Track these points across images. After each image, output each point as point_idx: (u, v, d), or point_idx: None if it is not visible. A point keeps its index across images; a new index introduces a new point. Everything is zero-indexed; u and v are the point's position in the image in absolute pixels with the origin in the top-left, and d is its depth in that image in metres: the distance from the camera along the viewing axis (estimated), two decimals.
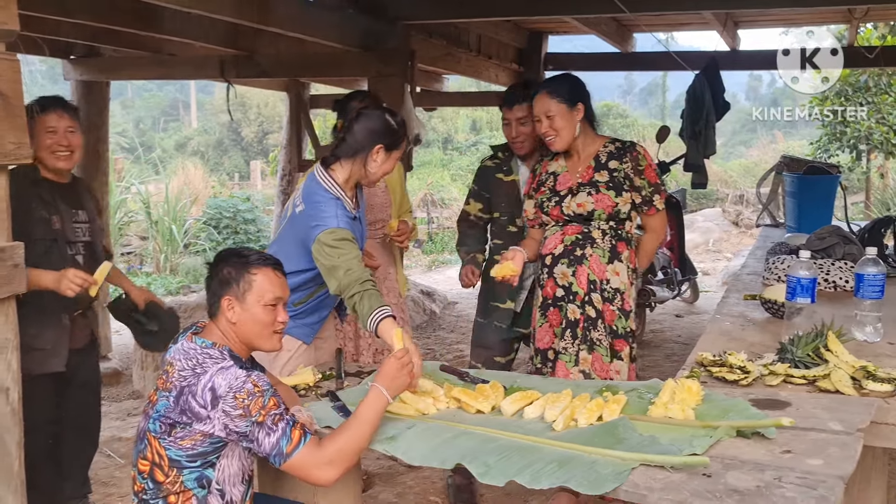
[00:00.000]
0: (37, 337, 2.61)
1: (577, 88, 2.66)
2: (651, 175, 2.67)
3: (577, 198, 2.64)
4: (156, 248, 10.95)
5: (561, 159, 2.76)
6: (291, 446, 1.72)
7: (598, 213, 2.62)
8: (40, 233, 2.63)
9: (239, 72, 4.87)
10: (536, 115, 2.65)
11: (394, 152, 2.41)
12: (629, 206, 2.64)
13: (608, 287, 2.62)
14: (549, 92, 2.62)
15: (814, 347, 2.11)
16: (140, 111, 27.34)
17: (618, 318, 2.63)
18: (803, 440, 1.66)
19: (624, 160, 2.65)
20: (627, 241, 2.68)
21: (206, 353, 1.78)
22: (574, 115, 2.62)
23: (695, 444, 1.65)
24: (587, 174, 2.67)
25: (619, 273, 2.63)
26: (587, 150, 2.70)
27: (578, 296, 2.62)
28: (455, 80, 13.87)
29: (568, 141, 2.64)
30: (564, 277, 2.64)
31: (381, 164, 2.40)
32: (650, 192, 2.67)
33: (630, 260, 2.68)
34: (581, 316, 2.62)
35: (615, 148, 2.69)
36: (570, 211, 2.65)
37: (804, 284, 2.38)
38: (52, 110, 2.67)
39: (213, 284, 1.89)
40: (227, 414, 1.69)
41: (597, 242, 2.63)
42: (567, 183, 2.69)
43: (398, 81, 4.31)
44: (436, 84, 7.16)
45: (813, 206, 4.61)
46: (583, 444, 1.71)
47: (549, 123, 2.61)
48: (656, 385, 2.04)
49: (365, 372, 2.50)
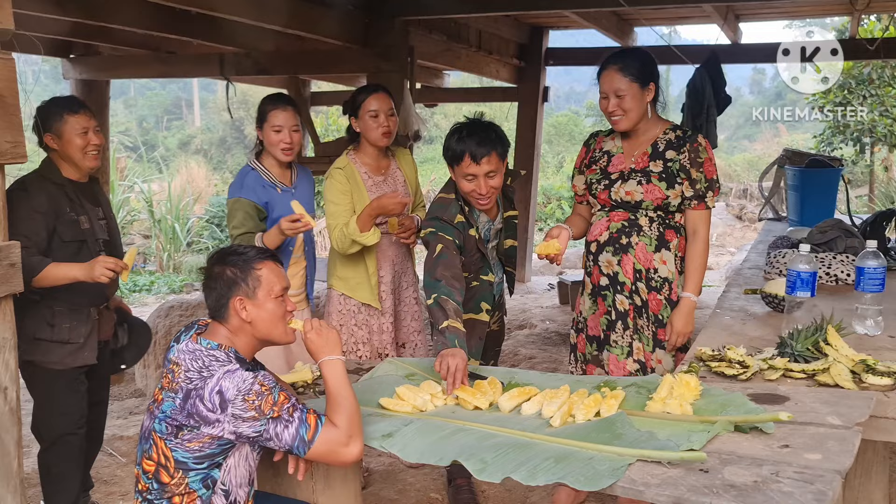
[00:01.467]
0: (73, 330, 2.71)
1: (650, 66, 2.49)
2: (710, 169, 2.52)
3: (626, 185, 2.53)
4: (158, 247, 10.97)
5: (617, 138, 2.61)
6: (311, 432, 1.73)
7: (647, 203, 2.51)
8: (70, 234, 2.68)
9: (238, 69, 4.87)
10: (604, 93, 2.48)
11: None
12: (679, 199, 2.52)
13: (656, 276, 2.54)
14: (621, 69, 2.44)
15: (813, 341, 2.10)
16: (143, 110, 27.33)
17: (664, 307, 2.56)
18: (801, 434, 1.65)
19: (682, 150, 2.50)
20: (676, 230, 2.56)
21: (213, 355, 1.77)
22: (645, 95, 2.48)
23: (692, 439, 1.65)
24: (642, 161, 2.53)
25: (667, 262, 2.54)
26: (647, 134, 2.55)
27: (626, 286, 2.56)
28: (457, 77, 13.86)
29: (635, 122, 2.50)
30: (610, 266, 2.58)
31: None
32: (704, 188, 2.51)
33: (679, 249, 2.56)
34: (630, 306, 2.56)
35: (675, 137, 2.53)
36: (617, 197, 2.54)
37: (804, 278, 2.37)
38: (82, 112, 2.72)
39: (219, 287, 1.85)
40: (236, 417, 1.69)
41: (643, 230, 2.53)
42: (620, 166, 2.56)
43: (398, 78, 4.31)
44: (436, 80, 7.16)
45: (815, 199, 4.59)
46: (580, 440, 1.70)
47: (617, 103, 2.45)
48: (654, 380, 2.03)
49: (364, 368, 2.50)
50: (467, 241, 2.56)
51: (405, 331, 3.23)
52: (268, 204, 2.94)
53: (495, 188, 2.49)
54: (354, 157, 3.08)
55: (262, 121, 2.95)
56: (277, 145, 2.92)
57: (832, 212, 4.66)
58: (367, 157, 3.08)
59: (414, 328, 3.26)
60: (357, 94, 3.06)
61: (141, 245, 11.50)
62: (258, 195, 2.92)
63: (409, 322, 3.25)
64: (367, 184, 3.04)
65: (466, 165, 2.43)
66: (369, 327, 3.12)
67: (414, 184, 3.23)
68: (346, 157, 3.08)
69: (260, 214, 2.92)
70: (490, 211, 2.65)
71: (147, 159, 15.05)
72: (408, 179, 3.19)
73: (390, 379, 2.26)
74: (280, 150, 2.92)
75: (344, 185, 2.99)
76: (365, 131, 3.02)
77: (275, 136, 2.91)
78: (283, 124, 2.90)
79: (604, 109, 2.53)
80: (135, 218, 11.65)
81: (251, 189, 2.92)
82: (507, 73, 6.80)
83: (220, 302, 1.86)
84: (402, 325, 3.22)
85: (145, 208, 11.32)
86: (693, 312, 2.53)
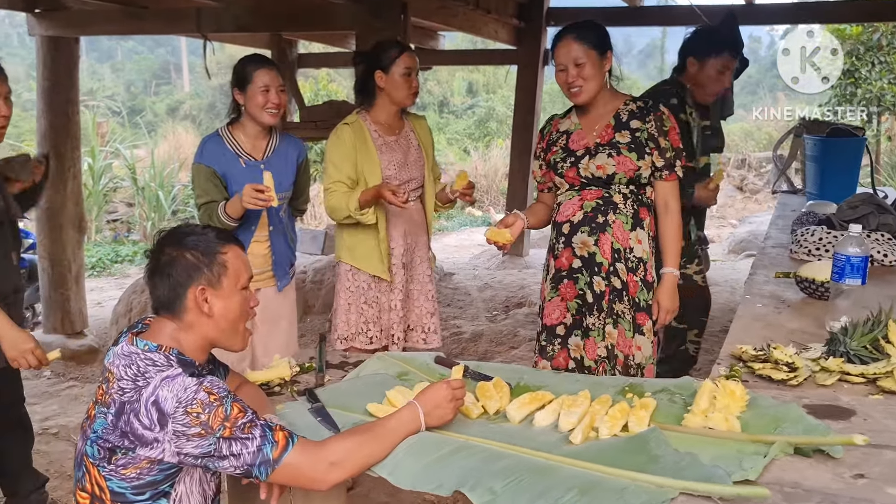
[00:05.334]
0: None
1: (606, 36, 2.42)
2: (675, 138, 2.45)
3: (595, 159, 2.41)
4: (142, 216, 10.62)
5: (573, 116, 2.52)
6: (278, 451, 1.42)
7: (619, 176, 2.39)
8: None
9: (217, 25, 4.49)
10: (561, 65, 2.40)
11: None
12: (650, 170, 2.42)
13: (632, 256, 2.43)
14: (578, 37, 2.37)
15: (871, 339, 1.81)
16: (131, 74, 26.65)
17: (640, 290, 2.44)
18: (878, 461, 1.36)
19: (647, 120, 2.42)
20: (648, 208, 2.47)
21: (150, 358, 1.46)
22: (604, 64, 2.40)
23: (745, 465, 1.35)
24: (607, 134, 2.43)
25: (642, 241, 2.44)
26: (606, 107, 2.46)
27: (603, 266, 2.42)
28: (452, 40, 13.41)
29: (594, 93, 2.40)
30: (585, 247, 2.43)
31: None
32: (673, 156, 2.44)
33: (651, 228, 2.48)
34: (607, 287, 2.42)
35: (637, 107, 2.44)
36: (587, 173, 2.42)
37: (855, 263, 2.08)
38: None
39: (175, 273, 1.53)
40: (179, 435, 1.38)
41: (619, 208, 2.42)
42: (582, 142, 2.46)
43: (389, 36, 3.93)
44: (431, 42, 6.77)
45: (837, 171, 4.28)
46: (608, 465, 1.41)
47: (577, 72, 2.37)
48: (688, 385, 1.74)
49: (350, 364, 2.20)
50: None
51: (417, 312, 2.99)
52: (225, 175, 2.71)
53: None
54: (366, 115, 2.89)
55: (246, 82, 2.70)
56: (264, 106, 2.69)
57: (854, 184, 4.36)
58: (383, 117, 2.90)
59: (427, 309, 3.00)
60: (388, 49, 2.84)
61: (124, 214, 11.13)
62: (218, 164, 2.70)
63: (423, 302, 3.00)
64: (378, 143, 2.85)
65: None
66: (379, 305, 2.91)
67: (429, 150, 3.03)
68: (357, 115, 2.89)
69: (221, 181, 2.70)
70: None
71: (130, 124, 14.58)
72: (423, 145, 2.98)
73: (380, 379, 1.96)
74: (267, 111, 2.70)
75: (348, 146, 2.81)
76: (392, 89, 2.83)
77: (262, 98, 2.68)
78: (270, 83, 2.69)
79: (562, 83, 2.44)
80: (118, 185, 11.24)
81: (210, 155, 2.73)
82: (505, 34, 6.42)
83: (175, 292, 1.54)
84: (415, 305, 2.99)
85: (128, 175, 10.93)
86: (676, 288, 2.47)
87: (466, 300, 5.79)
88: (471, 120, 16.92)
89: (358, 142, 2.82)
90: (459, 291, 6.01)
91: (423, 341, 2.97)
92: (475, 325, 5.12)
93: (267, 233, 2.79)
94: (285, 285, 2.88)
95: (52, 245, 5.16)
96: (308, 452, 1.45)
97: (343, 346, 2.89)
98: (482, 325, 5.15)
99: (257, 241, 2.78)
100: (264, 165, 2.74)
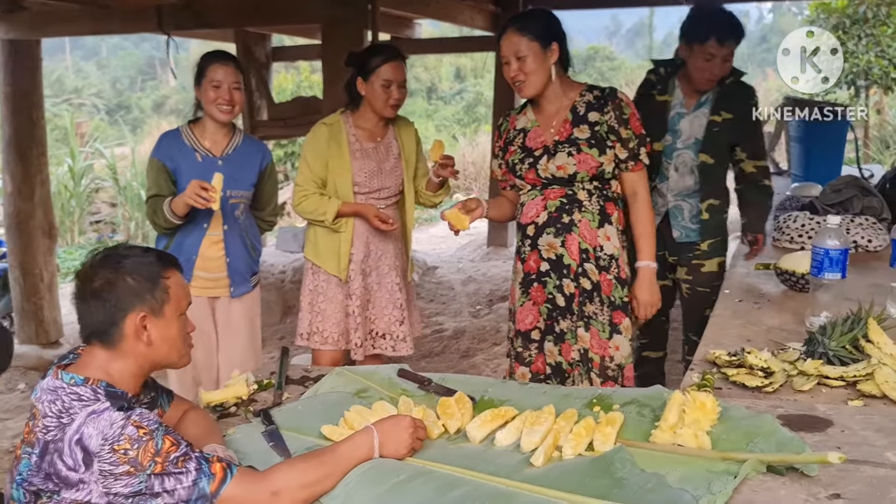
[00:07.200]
0: None
1: (552, 25, 2.30)
2: (636, 125, 2.34)
3: (555, 159, 2.31)
4: (125, 216, 10.48)
5: (529, 112, 2.41)
6: (215, 484, 1.32)
7: (581, 175, 2.29)
8: None
9: (178, 23, 4.36)
10: (504, 58, 2.30)
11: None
12: (613, 164, 2.32)
13: (602, 254, 2.33)
14: (519, 29, 2.26)
15: (851, 339, 1.72)
16: (116, 70, 26.42)
17: (615, 288, 2.34)
18: (855, 478, 1.27)
19: (605, 111, 2.30)
20: (615, 202, 2.37)
21: (75, 392, 1.35)
22: (548, 56, 2.27)
23: (714, 487, 1.27)
24: (564, 130, 2.32)
25: (611, 237, 2.34)
26: (561, 101, 2.34)
27: (571, 268, 2.32)
28: (435, 27, 13.19)
29: (539, 87, 2.29)
30: (552, 249, 2.33)
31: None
32: (636, 145, 2.33)
33: (619, 222, 2.38)
34: (576, 290, 2.32)
35: (594, 97, 2.33)
36: (547, 174, 2.32)
37: (833, 257, 1.99)
38: None
39: (112, 299, 1.42)
40: (106, 475, 1.28)
41: (584, 206, 2.32)
42: (539, 139, 2.35)
43: (356, 28, 3.83)
44: (407, 31, 6.62)
45: (822, 152, 4.21)
46: (570, 490, 1.31)
47: (518, 66, 2.26)
48: (658, 395, 1.65)
49: (311, 378, 2.10)
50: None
51: (386, 320, 2.93)
52: (176, 170, 2.65)
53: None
54: (350, 117, 2.83)
55: (200, 77, 2.65)
56: (214, 102, 2.62)
57: (839, 165, 4.28)
58: (365, 123, 2.84)
59: (395, 318, 2.93)
60: (371, 57, 2.76)
61: (107, 214, 10.98)
62: (171, 157, 2.66)
63: (391, 311, 2.92)
64: (353, 147, 2.79)
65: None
66: (336, 305, 2.86)
67: (411, 158, 2.94)
68: (339, 115, 2.83)
69: (171, 177, 2.65)
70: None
71: (109, 123, 14.39)
72: (403, 153, 2.90)
73: (337, 398, 1.86)
74: (217, 107, 2.63)
75: (322, 145, 2.76)
76: (372, 99, 2.77)
77: (213, 93, 2.62)
78: (223, 80, 2.62)
79: (507, 77, 2.35)
80: (99, 186, 11.08)
81: (164, 150, 2.70)
82: (482, 21, 6.29)
83: (111, 319, 1.42)
84: (383, 313, 2.93)
85: (109, 175, 10.77)
86: (655, 281, 2.38)
87: (449, 294, 5.69)
88: (459, 105, 16.78)
89: (333, 143, 2.77)
90: (443, 286, 5.91)
91: (391, 349, 2.91)
92: (457, 322, 5.03)
93: (221, 232, 2.70)
94: (244, 293, 2.79)
95: (23, 254, 5.05)
96: (248, 483, 1.35)
97: (301, 343, 2.88)
98: (465, 321, 5.05)
99: (211, 241, 2.70)
100: (221, 162, 2.68)
